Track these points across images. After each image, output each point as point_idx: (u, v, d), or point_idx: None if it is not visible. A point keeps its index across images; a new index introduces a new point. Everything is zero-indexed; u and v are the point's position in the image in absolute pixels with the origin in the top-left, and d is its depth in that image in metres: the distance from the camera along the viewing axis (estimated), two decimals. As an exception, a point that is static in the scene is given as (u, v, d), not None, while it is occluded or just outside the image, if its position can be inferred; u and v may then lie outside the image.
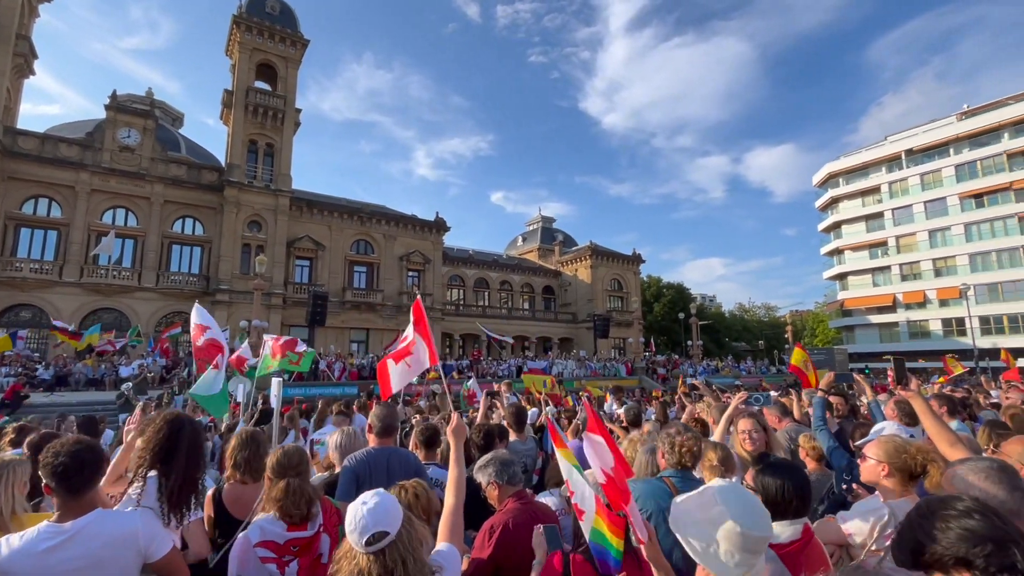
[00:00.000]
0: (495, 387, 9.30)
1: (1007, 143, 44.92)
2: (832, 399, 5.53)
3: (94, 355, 21.15)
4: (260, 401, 9.58)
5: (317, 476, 3.60)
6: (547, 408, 6.10)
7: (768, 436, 3.50)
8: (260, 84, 34.05)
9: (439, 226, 39.35)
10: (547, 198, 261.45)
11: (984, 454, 2.81)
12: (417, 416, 7.67)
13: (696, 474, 2.89)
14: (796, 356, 6.90)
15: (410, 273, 37.99)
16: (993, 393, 10.24)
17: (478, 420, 5.15)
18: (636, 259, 50.51)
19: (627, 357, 40.32)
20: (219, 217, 30.75)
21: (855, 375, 5.43)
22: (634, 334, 47.16)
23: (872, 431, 3.42)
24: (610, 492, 1.85)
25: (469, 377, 18.31)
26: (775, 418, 5.15)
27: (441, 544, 1.89)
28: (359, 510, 1.53)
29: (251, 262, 28.84)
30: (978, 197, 46.53)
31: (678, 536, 1.62)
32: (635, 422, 5.67)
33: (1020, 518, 1.72)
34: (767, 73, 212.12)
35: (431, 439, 3.83)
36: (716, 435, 4.02)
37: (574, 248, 52.58)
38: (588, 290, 47.10)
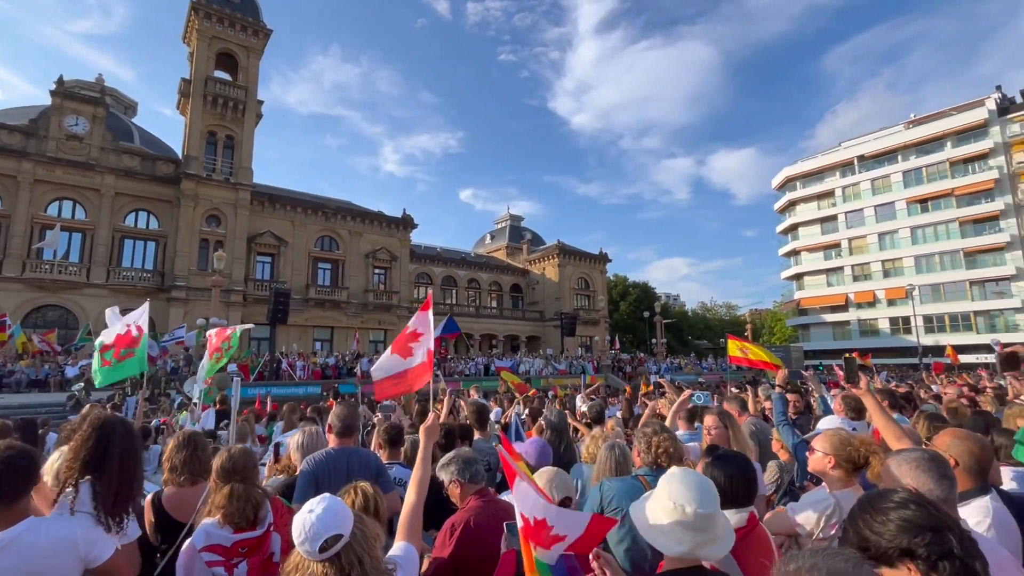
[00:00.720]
0: (470, 391, 9.31)
1: (950, 151, 47.51)
2: (788, 396, 5.75)
3: (31, 356, 20.08)
4: (219, 402, 9.30)
5: (274, 479, 3.51)
6: (511, 409, 6.11)
7: (730, 431, 3.60)
8: (220, 74, 32.87)
9: (406, 223, 38.91)
10: (516, 197, 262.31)
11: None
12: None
13: None
14: (731, 347, 7.05)
15: (376, 270, 37.45)
16: (934, 387, 10.85)
17: (441, 419, 5.12)
18: (603, 258, 51.19)
19: (593, 355, 40.82)
20: (175, 211, 29.57)
21: (804, 372, 5.64)
22: (600, 332, 47.78)
23: (819, 425, 3.58)
24: (536, 536, 1.79)
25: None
26: (735, 411, 5.34)
27: (398, 543, 1.87)
28: (307, 519, 1.49)
29: (209, 258, 27.88)
30: (923, 202, 49.07)
31: (635, 522, 1.76)
32: (598, 419, 5.74)
33: (948, 505, 1.84)
34: (731, 78, 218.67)
35: (395, 438, 3.78)
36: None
37: (542, 247, 52.88)
38: (556, 289, 47.46)
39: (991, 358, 26.20)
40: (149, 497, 2.67)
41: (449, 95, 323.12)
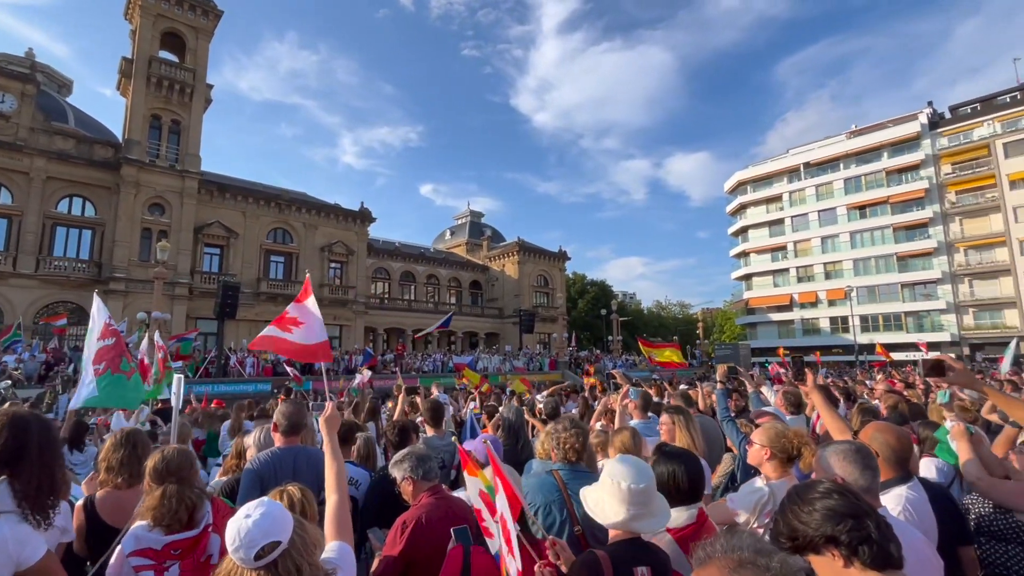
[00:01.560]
0: (431, 388, 9.25)
1: (886, 161, 50.51)
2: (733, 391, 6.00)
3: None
4: (159, 400, 8.86)
5: (216, 480, 3.39)
6: (467, 405, 6.10)
7: (677, 428, 3.71)
8: (166, 55, 31.17)
9: (364, 216, 38.10)
10: (477, 193, 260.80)
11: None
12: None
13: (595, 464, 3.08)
14: (644, 351, 7.34)
15: (332, 264, 36.53)
16: (868, 383, 11.56)
17: (395, 416, 5.08)
18: (562, 256, 51.73)
19: (552, 352, 41.23)
20: (114, 198, 27.87)
21: (739, 369, 5.92)
22: (558, 329, 48.22)
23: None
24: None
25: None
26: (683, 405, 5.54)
27: (332, 543, 1.83)
28: (242, 524, 1.41)
29: (152, 248, 26.46)
30: (862, 209, 52.02)
31: (584, 506, 1.96)
32: (553, 415, 5.82)
33: (871, 494, 1.98)
34: (687, 84, 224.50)
35: (344, 436, 3.72)
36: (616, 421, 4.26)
37: (502, 243, 52.92)
38: (515, 286, 47.62)
39: (917, 355, 28.13)
40: (80, 502, 2.52)
41: (410, 88, 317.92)
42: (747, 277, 60.75)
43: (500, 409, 5.95)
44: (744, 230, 61.20)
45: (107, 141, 29.19)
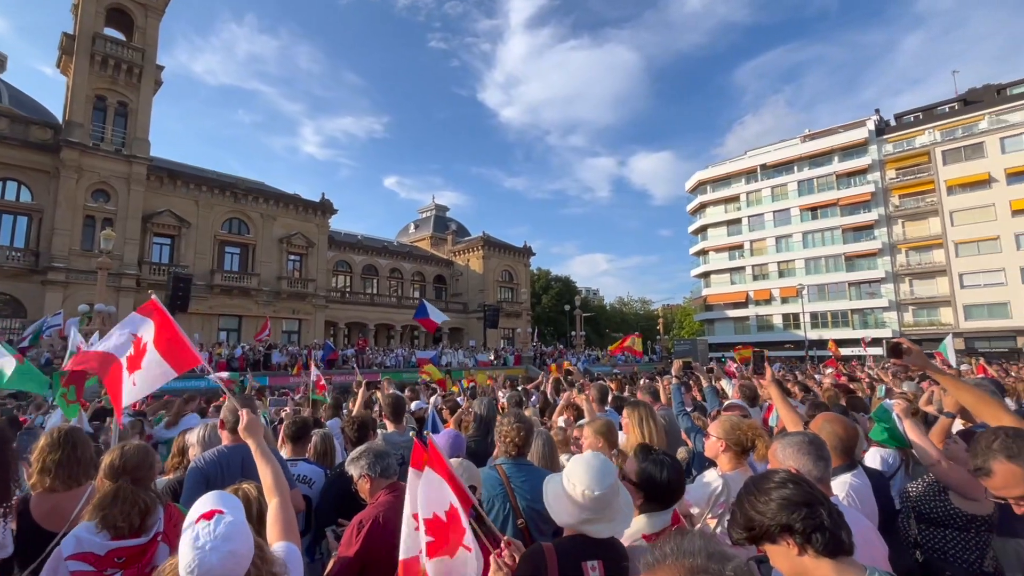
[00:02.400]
0: (386, 385, 9.08)
1: (836, 165, 52.81)
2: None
3: None
4: (100, 397, 8.40)
5: (160, 480, 3.21)
6: (432, 399, 6.02)
7: (633, 422, 3.74)
8: (112, 32, 29.44)
9: (325, 208, 37.15)
10: (442, 186, 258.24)
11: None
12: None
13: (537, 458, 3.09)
14: (614, 345, 7.50)
15: (291, 257, 35.49)
16: (817, 377, 12.07)
17: (354, 412, 4.95)
18: (527, 252, 51.88)
19: (516, 347, 41.38)
20: (54, 183, 26.20)
21: (692, 364, 6.08)
22: (523, 324, 48.53)
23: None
24: (440, 534, 1.76)
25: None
26: (648, 399, 5.67)
27: (277, 544, 1.75)
28: (197, 555, 1.28)
29: (95, 237, 25.05)
30: (813, 210, 54.23)
31: (546, 504, 1.91)
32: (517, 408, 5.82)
33: (824, 483, 2.04)
34: (652, 84, 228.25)
35: (299, 433, 3.59)
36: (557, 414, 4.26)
37: (467, 238, 52.64)
38: (480, 280, 47.49)
39: (861, 350, 29.60)
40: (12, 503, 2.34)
41: (375, 78, 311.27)
42: (706, 275, 62.48)
43: (461, 403, 5.89)
44: (704, 229, 62.88)
45: (45, 122, 27.39)
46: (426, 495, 1.79)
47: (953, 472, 2.56)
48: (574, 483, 1.83)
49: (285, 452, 3.60)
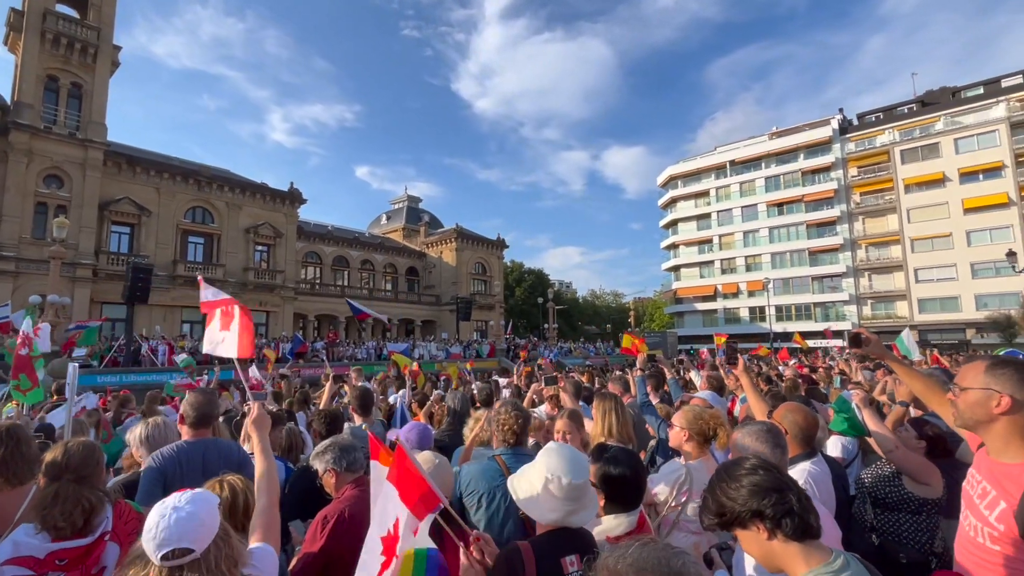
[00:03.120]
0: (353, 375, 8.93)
1: (802, 162, 54.30)
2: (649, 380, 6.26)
3: None
4: (54, 391, 8.05)
5: (116, 478, 3.08)
6: (399, 392, 5.95)
7: (597, 414, 3.75)
8: (65, 9, 27.96)
9: (294, 197, 36.26)
10: (415, 177, 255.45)
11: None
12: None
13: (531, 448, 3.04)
14: (626, 341, 7.62)
15: (258, 247, 34.57)
16: (780, 368, 12.42)
17: (322, 405, 4.86)
18: (500, 244, 51.81)
19: (489, 340, 41.37)
20: (1, 167, 24.84)
21: (655, 356, 6.20)
22: (496, 317, 48.52)
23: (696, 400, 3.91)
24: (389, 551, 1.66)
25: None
26: (619, 390, 5.76)
27: (254, 544, 1.70)
28: (166, 517, 1.30)
29: (48, 225, 23.89)
30: (780, 206, 55.72)
31: (512, 494, 1.84)
32: (487, 402, 5.81)
33: (781, 471, 2.09)
34: (625, 79, 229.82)
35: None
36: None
37: (440, 230, 52.22)
38: (453, 273, 47.22)
39: (824, 343, 30.70)
40: None
41: (346, 65, 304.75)
42: (676, 268, 63.59)
43: (432, 396, 5.84)
44: (674, 223, 63.91)
45: (-8, 102, 25.91)
46: (384, 508, 1.69)
47: (908, 458, 2.66)
48: (557, 475, 1.79)
49: (248, 447, 3.50)
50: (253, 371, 9.75)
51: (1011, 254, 22.79)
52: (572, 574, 1.74)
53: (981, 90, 48.04)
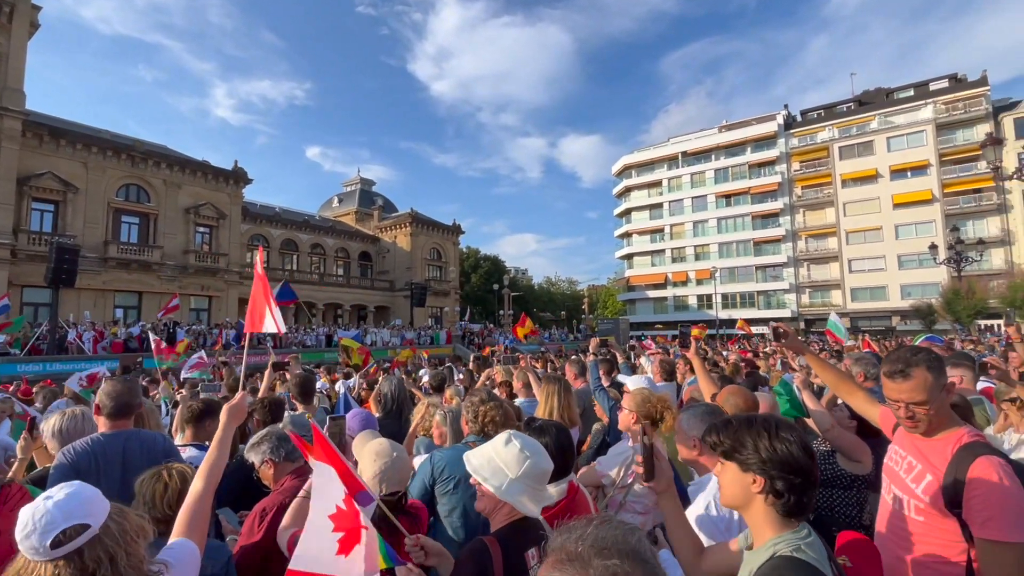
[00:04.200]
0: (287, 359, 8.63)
1: (749, 156, 56.36)
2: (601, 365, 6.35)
3: None
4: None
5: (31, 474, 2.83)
6: (338, 383, 5.75)
7: (542, 396, 3.77)
8: (-28, -39, 25.28)
9: (238, 176, 34.55)
10: (369, 160, 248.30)
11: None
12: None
13: None
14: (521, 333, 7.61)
15: (200, 229, 32.82)
16: (724, 354, 12.92)
17: (261, 393, 4.65)
18: (456, 230, 51.32)
19: (444, 326, 41.11)
20: (-100, 135, 22.42)
21: (607, 341, 6.30)
22: (451, 303, 48.26)
23: (627, 384, 3.97)
24: (348, 526, 1.59)
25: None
26: (572, 375, 5.82)
27: (173, 539, 1.58)
28: (39, 507, 1.18)
29: (-43, 200, 21.81)
30: (728, 197, 57.74)
31: (479, 479, 1.74)
32: (439, 388, 5.75)
33: (814, 459, 2.15)
34: (583, 67, 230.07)
35: (197, 416, 3.29)
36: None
37: (394, 214, 51.18)
38: (407, 258, 46.47)
39: (766, 329, 32.28)
40: None
41: (296, 40, 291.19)
42: (629, 256, 64.99)
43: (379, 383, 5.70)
44: (628, 212, 65.17)
45: None
46: (323, 488, 1.61)
47: (842, 436, 2.80)
48: (535, 463, 1.71)
49: (180, 438, 3.29)
50: (201, 355, 9.28)
51: (933, 247, 24.51)
52: (534, 568, 1.68)
53: (912, 92, 51.18)
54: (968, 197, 45.17)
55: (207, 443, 3.51)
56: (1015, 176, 12.31)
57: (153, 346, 9.34)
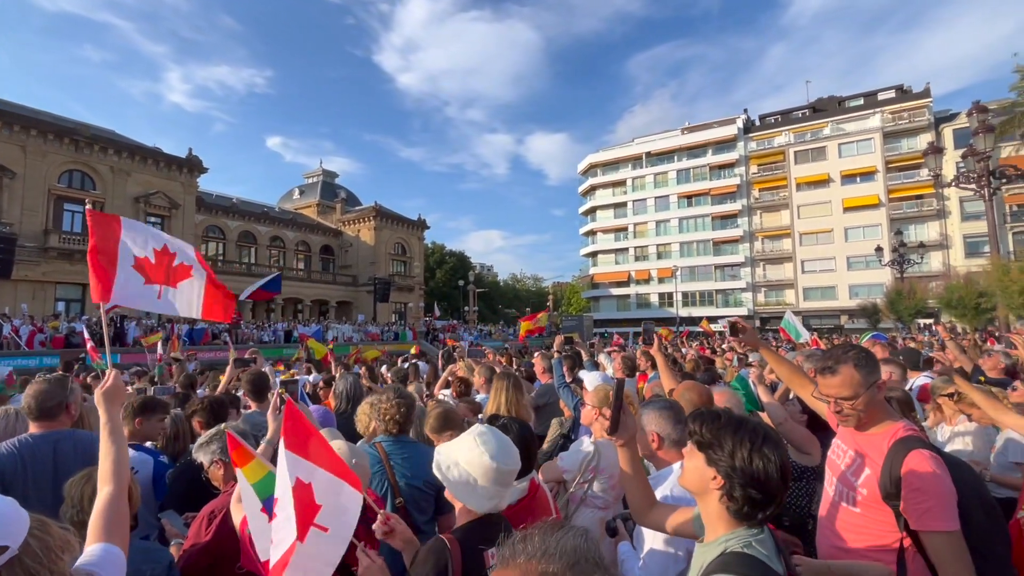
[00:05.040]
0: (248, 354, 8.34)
1: (710, 158, 57.89)
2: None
3: None
4: None
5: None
6: (276, 379, 5.54)
7: (493, 392, 3.78)
8: None
9: (193, 165, 33.14)
10: (333, 152, 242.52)
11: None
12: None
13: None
14: (524, 327, 7.70)
15: (150, 219, 31.29)
16: (683, 350, 13.24)
17: (220, 389, 4.46)
18: (421, 224, 50.74)
19: (408, 322, 40.64)
20: None
21: (573, 337, 6.39)
22: (415, 299, 47.75)
23: (584, 380, 4.02)
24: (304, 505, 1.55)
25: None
26: (541, 369, 5.85)
27: (93, 546, 1.47)
28: None
29: None
30: (689, 198, 59.19)
31: (441, 478, 1.72)
32: (402, 383, 5.67)
33: (681, 444, 2.16)
34: (550, 65, 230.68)
35: (138, 410, 3.13)
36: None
37: (358, 207, 50.16)
38: (371, 252, 45.66)
39: (721, 327, 33.29)
40: None
41: (257, 25, 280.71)
42: (594, 254, 65.82)
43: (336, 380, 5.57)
44: (593, 210, 65.97)
45: None
46: (285, 466, 1.58)
47: (794, 430, 2.89)
48: (497, 460, 1.67)
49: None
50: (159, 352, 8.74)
51: (879, 249, 25.83)
52: (493, 566, 1.66)
53: (861, 101, 53.61)
54: (911, 203, 47.76)
55: (145, 444, 3.36)
56: (953, 184, 13.04)
57: (88, 346, 8.75)
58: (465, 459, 1.69)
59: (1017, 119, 20.15)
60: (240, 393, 4.64)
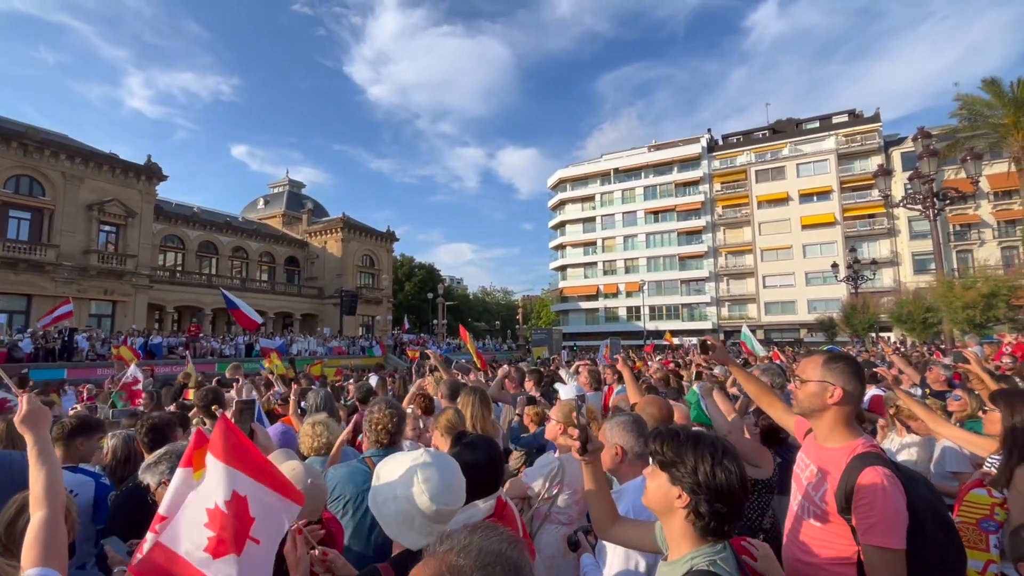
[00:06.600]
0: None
1: (676, 175, 59.49)
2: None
3: None
4: None
5: None
6: (233, 388, 5.34)
7: (463, 407, 3.76)
8: None
9: (151, 172, 32.01)
10: (301, 162, 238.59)
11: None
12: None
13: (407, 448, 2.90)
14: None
15: (104, 227, 30.06)
16: (649, 364, 13.43)
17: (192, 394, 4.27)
18: (390, 236, 50.25)
19: (376, 335, 40.00)
20: None
21: (554, 359, 6.43)
22: (383, 312, 47.10)
23: (561, 394, 4.02)
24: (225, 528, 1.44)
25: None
26: (512, 385, 5.81)
27: (31, 571, 1.37)
28: None
29: None
30: (656, 214, 60.56)
31: (376, 513, 1.62)
32: (364, 399, 5.57)
33: (643, 458, 2.18)
34: (522, 82, 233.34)
35: (69, 434, 2.97)
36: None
37: (325, 219, 49.34)
38: (338, 264, 44.87)
39: (688, 340, 33.98)
40: None
41: (223, 32, 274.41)
42: (563, 268, 66.46)
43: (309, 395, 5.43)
44: (562, 224, 66.76)
45: None
46: (211, 482, 1.51)
47: (740, 442, 2.94)
48: (436, 500, 1.52)
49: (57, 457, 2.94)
50: (134, 371, 8.13)
51: (835, 266, 26.94)
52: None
53: (817, 124, 56.22)
54: (864, 221, 50.07)
55: (80, 465, 3.16)
56: (901, 204, 13.74)
57: None
58: (404, 494, 1.55)
59: (959, 144, 21.47)
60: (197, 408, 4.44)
